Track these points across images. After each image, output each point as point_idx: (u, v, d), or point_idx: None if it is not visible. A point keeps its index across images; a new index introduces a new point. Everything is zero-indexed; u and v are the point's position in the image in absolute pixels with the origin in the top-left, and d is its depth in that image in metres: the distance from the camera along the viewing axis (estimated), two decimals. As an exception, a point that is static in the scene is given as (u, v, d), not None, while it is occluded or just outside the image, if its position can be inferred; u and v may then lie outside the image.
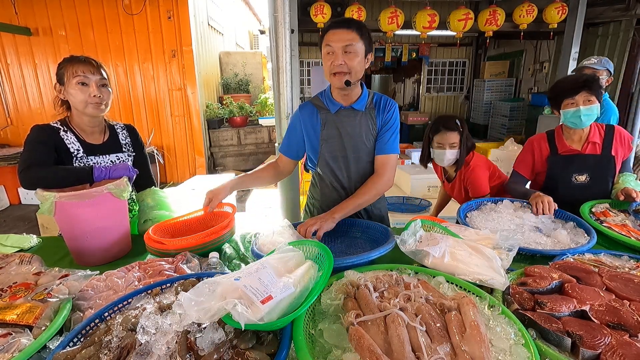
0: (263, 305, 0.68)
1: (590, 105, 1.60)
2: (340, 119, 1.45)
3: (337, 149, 1.47)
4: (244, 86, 7.12)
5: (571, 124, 1.67)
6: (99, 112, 1.43)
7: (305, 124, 1.50)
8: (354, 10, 4.41)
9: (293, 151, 1.58)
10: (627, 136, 1.71)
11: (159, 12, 5.19)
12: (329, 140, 1.47)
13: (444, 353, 0.68)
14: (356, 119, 1.45)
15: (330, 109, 1.45)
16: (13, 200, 5.12)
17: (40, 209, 1.19)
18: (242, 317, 0.64)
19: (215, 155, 6.31)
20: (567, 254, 1.18)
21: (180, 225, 1.48)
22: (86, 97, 1.37)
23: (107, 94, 1.44)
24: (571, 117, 1.65)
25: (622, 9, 4.43)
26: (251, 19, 11.16)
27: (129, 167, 1.37)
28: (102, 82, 1.41)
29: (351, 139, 1.45)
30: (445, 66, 7.82)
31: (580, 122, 1.63)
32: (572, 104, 1.63)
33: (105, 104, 1.44)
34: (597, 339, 0.75)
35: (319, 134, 1.48)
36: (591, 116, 1.62)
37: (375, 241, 1.32)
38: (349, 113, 1.45)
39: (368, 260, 1.05)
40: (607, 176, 1.69)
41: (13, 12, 4.95)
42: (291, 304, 0.75)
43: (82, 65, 1.37)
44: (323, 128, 1.46)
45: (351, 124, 1.45)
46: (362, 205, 1.41)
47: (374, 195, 1.42)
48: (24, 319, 0.81)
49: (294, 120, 1.55)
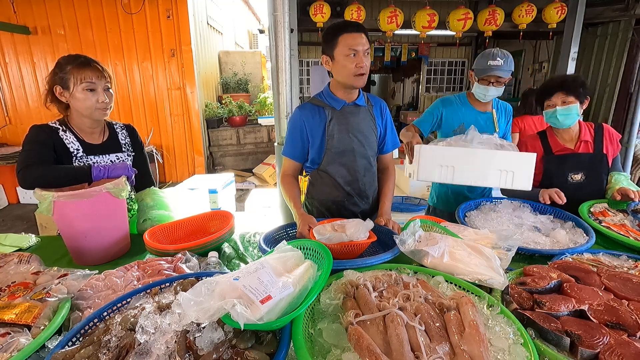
0: (262, 305, 0.68)
1: (567, 105, 1.64)
2: (345, 115, 1.51)
3: (344, 144, 1.51)
4: (243, 85, 7.10)
5: (552, 123, 1.72)
6: (104, 116, 1.45)
7: (309, 122, 1.51)
8: (354, 9, 4.41)
9: (301, 154, 1.56)
10: (616, 134, 1.75)
11: (158, 11, 5.18)
12: (337, 135, 1.50)
13: (443, 352, 0.68)
14: (360, 114, 1.54)
15: (335, 106, 1.50)
16: (12, 199, 5.11)
17: (39, 208, 1.19)
18: (241, 317, 0.64)
19: (214, 155, 6.30)
20: (566, 254, 1.18)
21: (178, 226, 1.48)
22: (94, 103, 1.38)
23: (111, 96, 1.44)
24: (550, 117, 1.70)
25: (621, 9, 4.44)
26: (250, 18, 11.15)
27: (128, 167, 1.37)
28: (107, 85, 1.42)
29: (358, 132, 1.52)
30: (444, 66, 7.82)
31: (558, 121, 1.67)
32: (550, 105, 1.68)
33: (110, 107, 1.45)
34: (596, 339, 0.75)
35: (325, 130, 1.50)
36: (569, 116, 1.65)
37: (380, 242, 1.31)
38: (352, 109, 1.53)
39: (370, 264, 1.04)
40: (602, 174, 1.71)
41: (12, 11, 4.93)
42: (290, 304, 0.75)
43: (89, 71, 1.36)
44: (329, 124, 1.49)
45: (356, 118, 1.52)
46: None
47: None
48: (23, 318, 0.81)
49: (296, 122, 1.53)
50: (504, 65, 1.75)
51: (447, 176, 1.49)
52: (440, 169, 1.49)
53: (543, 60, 6.41)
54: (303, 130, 1.51)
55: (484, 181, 1.53)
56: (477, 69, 1.82)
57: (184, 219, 1.49)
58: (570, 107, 1.63)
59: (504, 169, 1.48)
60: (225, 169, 6.29)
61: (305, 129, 1.51)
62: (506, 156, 1.49)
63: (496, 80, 1.78)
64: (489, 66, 1.76)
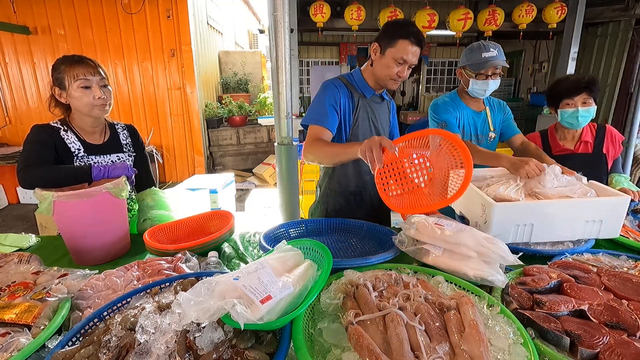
0: (262, 305, 0.68)
1: (587, 107, 1.62)
2: (370, 105, 1.57)
3: (367, 132, 1.55)
4: (243, 85, 7.10)
5: (567, 124, 1.69)
6: (104, 113, 1.44)
7: (343, 100, 1.50)
8: (354, 9, 4.41)
9: (334, 124, 1.47)
10: (618, 136, 1.74)
11: (158, 11, 5.18)
12: (361, 123, 1.54)
13: (442, 352, 0.68)
14: (382, 106, 1.64)
15: (366, 94, 1.55)
16: (12, 199, 5.11)
17: (39, 208, 1.19)
18: (241, 317, 0.64)
19: (214, 155, 6.30)
20: (566, 254, 1.18)
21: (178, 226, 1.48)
22: (90, 99, 1.36)
23: (108, 93, 1.42)
24: (568, 117, 1.67)
25: (621, 9, 4.44)
26: (250, 18, 11.15)
27: (128, 167, 1.37)
28: (103, 82, 1.40)
29: (379, 122, 1.61)
30: (444, 66, 7.82)
31: (577, 122, 1.65)
32: (571, 104, 1.65)
33: (109, 104, 1.43)
34: (596, 338, 0.75)
35: (351, 116, 1.53)
36: (587, 117, 1.65)
37: (380, 242, 1.31)
38: (377, 100, 1.62)
39: (370, 263, 1.04)
40: (601, 174, 1.71)
41: (11, 11, 4.93)
42: (290, 304, 0.74)
43: (81, 68, 1.35)
44: (356, 110, 1.52)
45: (378, 109, 1.61)
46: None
47: None
48: (23, 318, 0.81)
49: (334, 94, 1.47)
50: (499, 54, 1.70)
51: (525, 235, 1.23)
52: (516, 228, 1.22)
53: (543, 60, 6.41)
54: (338, 104, 1.48)
55: (568, 236, 1.27)
56: (472, 64, 1.73)
57: (184, 219, 1.49)
58: (590, 108, 1.64)
59: (591, 219, 1.23)
60: (225, 169, 6.29)
61: (340, 104, 1.49)
62: (597, 204, 1.23)
63: (493, 73, 1.71)
64: (484, 59, 1.68)
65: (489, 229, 1.19)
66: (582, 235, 1.26)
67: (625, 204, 1.24)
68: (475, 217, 1.31)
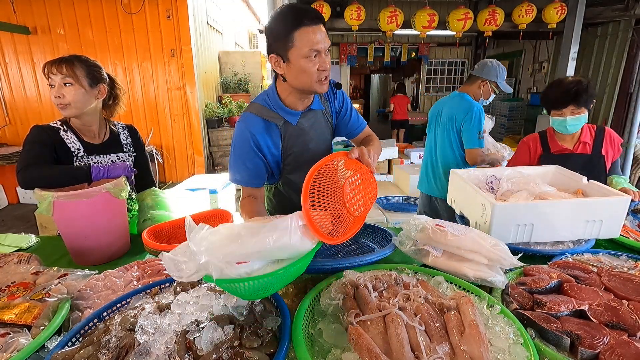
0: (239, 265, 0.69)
1: (577, 115, 1.66)
2: (301, 128, 1.29)
3: (302, 160, 1.31)
4: (243, 85, 7.10)
5: (558, 129, 1.74)
6: (68, 114, 1.37)
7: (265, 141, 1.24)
8: (354, 9, 4.40)
9: (262, 178, 1.30)
10: (617, 138, 1.76)
11: (158, 11, 5.17)
12: (294, 152, 1.30)
13: (443, 352, 0.68)
14: (317, 120, 1.33)
15: (290, 121, 1.25)
16: (12, 199, 5.11)
17: (39, 208, 1.19)
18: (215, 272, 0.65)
19: (214, 155, 6.30)
20: (566, 254, 1.18)
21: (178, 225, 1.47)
22: (54, 99, 1.33)
23: (71, 93, 1.32)
24: (558, 125, 1.73)
25: (621, 9, 4.44)
26: (250, 18, 11.14)
27: (128, 167, 1.37)
28: (65, 80, 1.31)
29: (317, 143, 1.34)
30: (444, 66, 7.83)
31: (566, 130, 1.71)
32: (560, 114, 1.69)
33: (69, 104, 1.33)
34: (596, 339, 0.75)
35: (280, 149, 1.28)
36: (577, 125, 1.69)
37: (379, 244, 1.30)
38: (308, 116, 1.30)
39: (366, 262, 1.04)
40: (600, 175, 1.71)
41: (11, 11, 4.93)
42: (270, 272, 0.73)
43: (53, 67, 1.31)
44: (284, 141, 1.27)
45: (313, 127, 1.32)
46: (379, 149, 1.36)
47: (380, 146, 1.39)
48: (23, 318, 0.81)
49: (245, 147, 1.23)
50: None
51: (525, 235, 1.23)
52: (517, 228, 1.22)
53: (543, 60, 6.41)
54: (258, 154, 1.24)
55: (568, 236, 1.28)
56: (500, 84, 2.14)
57: (183, 218, 1.48)
58: (580, 117, 1.67)
59: (592, 219, 1.23)
60: (225, 169, 6.28)
61: (261, 151, 1.25)
62: (597, 204, 1.23)
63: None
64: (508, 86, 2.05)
65: (489, 229, 1.19)
66: (582, 235, 1.26)
67: (626, 204, 1.24)
68: (475, 217, 1.31)
